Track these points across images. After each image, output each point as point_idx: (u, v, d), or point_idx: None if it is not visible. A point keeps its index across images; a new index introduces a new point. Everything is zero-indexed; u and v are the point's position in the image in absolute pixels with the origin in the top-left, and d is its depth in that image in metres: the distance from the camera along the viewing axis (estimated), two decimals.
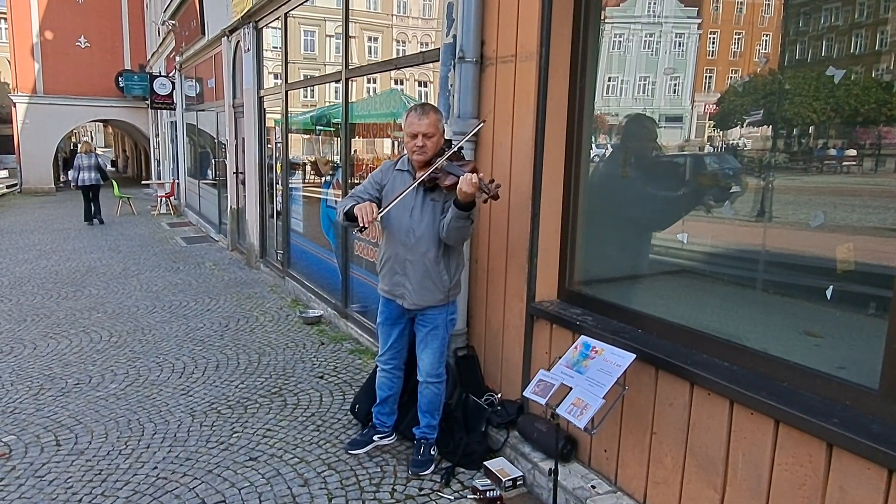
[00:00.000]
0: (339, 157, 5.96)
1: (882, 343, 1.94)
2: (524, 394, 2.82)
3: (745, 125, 2.57)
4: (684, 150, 2.93)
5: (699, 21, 2.78)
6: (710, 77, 2.74)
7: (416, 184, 2.98)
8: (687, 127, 2.88)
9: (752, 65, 2.53)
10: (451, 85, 3.65)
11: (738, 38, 2.60)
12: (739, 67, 2.60)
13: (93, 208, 12.68)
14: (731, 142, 2.67)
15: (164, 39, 16.02)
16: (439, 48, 3.78)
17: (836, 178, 2.29)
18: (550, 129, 3.16)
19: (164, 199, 15.14)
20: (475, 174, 2.74)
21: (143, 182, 21.44)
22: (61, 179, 22.98)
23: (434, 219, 3.05)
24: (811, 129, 2.33)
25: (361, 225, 2.84)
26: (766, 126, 2.47)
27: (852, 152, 2.24)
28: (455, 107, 3.60)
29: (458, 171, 2.82)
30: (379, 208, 3.00)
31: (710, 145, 2.80)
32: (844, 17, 2.18)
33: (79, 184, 12.54)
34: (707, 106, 2.75)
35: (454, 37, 3.59)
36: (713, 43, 2.69)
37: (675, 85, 2.90)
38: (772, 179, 2.44)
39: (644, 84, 3.05)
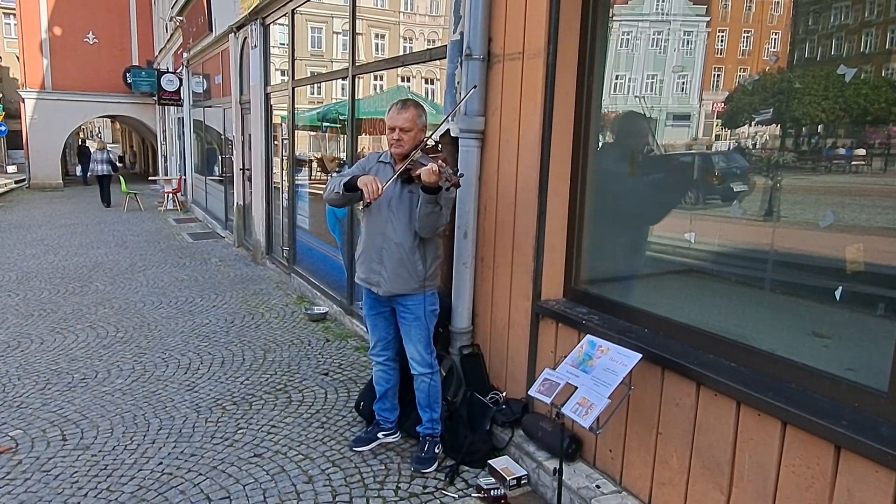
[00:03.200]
0: (345, 154, 5.96)
1: (891, 344, 1.92)
2: (529, 393, 2.81)
3: (753, 124, 2.55)
4: (692, 149, 2.91)
5: (708, 19, 2.76)
6: (718, 75, 2.72)
7: (395, 176, 3.11)
8: (695, 125, 2.86)
9: (760, 63, 2.51)
10: (458, 82, 3.64)
11: (747, 37, 2.58)
12: (748, 66, 2.58)
13: (105, 193, 15.78)
14: (739, 141, 2.65)
15: (171, 36, 16.06)
16: (446, 45, 3.77)
17: (845, 177, 2.27)
18: (557, 126, 3.15)
19: (170, 195, 15.19)
20: (437, 164, 2.89)
21: (150, 178, 21.52)
22: (78, 173, 25.37)
23: (411, 210, 3.15)
24: (820, 128, 2.31)
25: (368, 200, 2.98)
26: (774, 125, 2.45)
27: (861, 152, 2.21)
28: (462, 104, 3.59)
29: (428, 162, 2.96)
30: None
31: (719, 144, 2.78)
32: (854, 16, 2.16)
33: (95, 174, 15.91)
34: (715, 104, 2.73)
35: (461, 34, 3.58)
36: (722, 41, 2.67)
37: (683, 83, 2.89)
38: (780, 179, 2.42)
39: (652, 82, 3.04)
